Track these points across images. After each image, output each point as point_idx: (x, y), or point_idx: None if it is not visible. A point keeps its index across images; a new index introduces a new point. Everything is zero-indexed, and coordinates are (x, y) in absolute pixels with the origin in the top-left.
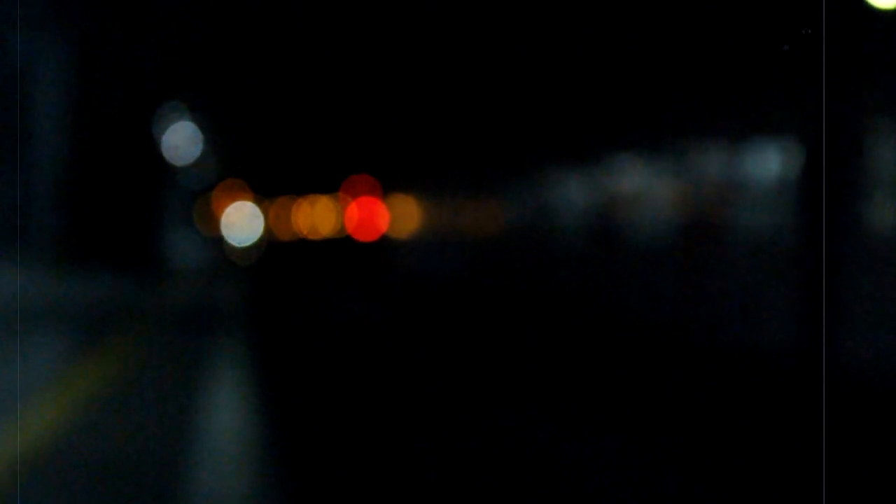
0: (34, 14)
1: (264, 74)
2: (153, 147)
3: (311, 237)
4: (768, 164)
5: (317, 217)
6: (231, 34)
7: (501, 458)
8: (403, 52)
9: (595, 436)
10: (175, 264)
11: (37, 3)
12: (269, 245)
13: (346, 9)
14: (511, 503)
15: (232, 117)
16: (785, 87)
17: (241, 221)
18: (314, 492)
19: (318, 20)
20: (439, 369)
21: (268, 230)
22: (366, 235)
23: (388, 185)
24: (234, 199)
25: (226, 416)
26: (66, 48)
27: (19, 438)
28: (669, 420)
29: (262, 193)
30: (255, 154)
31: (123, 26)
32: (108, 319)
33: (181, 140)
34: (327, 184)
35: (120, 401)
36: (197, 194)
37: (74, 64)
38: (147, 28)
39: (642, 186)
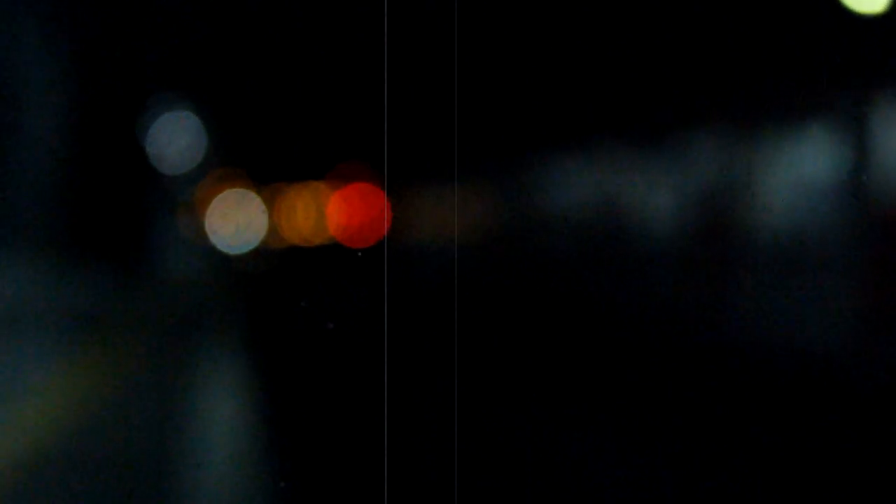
0: (31, 11)
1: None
2: (142, 144)
3: (300, 244)
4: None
5: (302, 217)
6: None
7: (510, 461)
8: (415, 33)
9: (608, 439)
10: (168, 264)
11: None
12: (272, 251)
13: None
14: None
15: (226, 99)
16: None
17: (236, 218)
18: (315, 492)
19: None
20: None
21: (272, 231)
22: (360, 241)
23: (390, 175)
24: (224, 190)
25: (226, 417)
26: (60, 44)
27: (18, 439)
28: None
29: (259, 182)
30: (249, 138)
31: (117, 18)
32: (100, 321)
33: (179, 145)
34: (313, 173)
35: (115, 403)
36: (187, 193)
37: (67, 59)
38: (140, 19)
39: (671, 182)
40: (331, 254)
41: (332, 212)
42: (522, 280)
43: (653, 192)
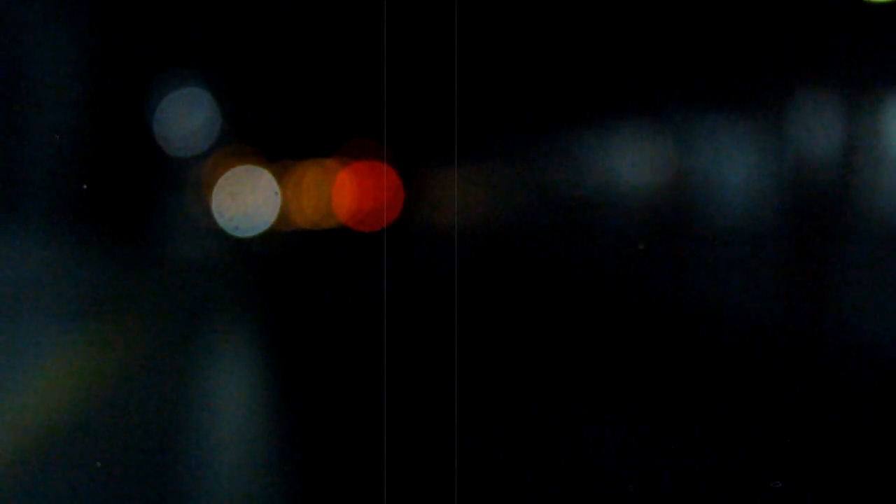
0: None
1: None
2: (150, 125)
3: (309, 227)
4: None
5: (311, 200)
6: None
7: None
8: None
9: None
10: (176, 248)
11: None
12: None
13: None
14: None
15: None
16: None
17: (246, 201)
18: (321, 488)
19: None
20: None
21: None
22: (368, 223)
23: (400, 152)
24: (234, 172)
25: (232, 403)
26: (65, 28)
27: (22, 424)
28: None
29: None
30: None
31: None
32: (107, 305)
33: (188, 128)
34: (318, 150)
35: (121, 388)
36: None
37: (74, 43)
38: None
39: (727, 149)
40: (340, 237)
41: (341, 195)
42: (544, 268)
43: (714, 172)
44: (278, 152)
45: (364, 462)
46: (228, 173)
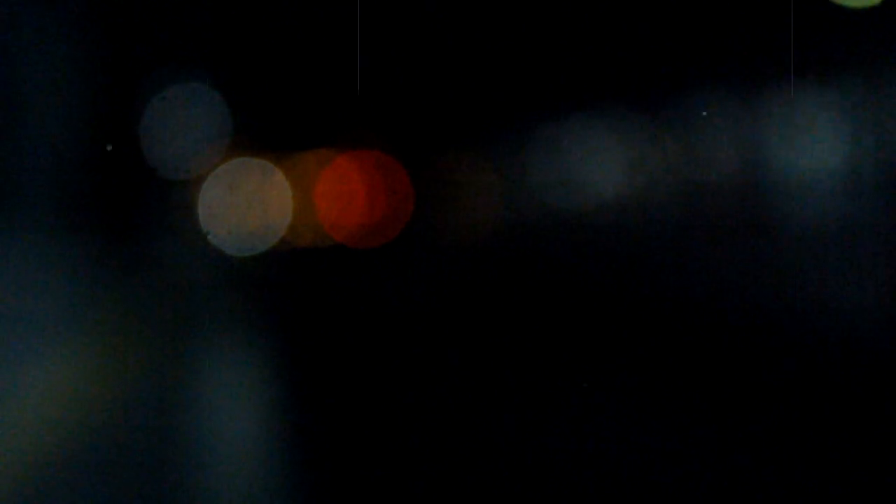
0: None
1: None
2: (148, 141)
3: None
4: None
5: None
6: None
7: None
8: None
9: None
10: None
11: None
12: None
13: None
14: None
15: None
16: None
17: (242, 205)
18: (324, 492)
19: None
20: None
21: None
22: (369, 237)
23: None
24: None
25: (224, 416)
26: (64, 40)
27: (18, 436)
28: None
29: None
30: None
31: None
32: (103, 309)
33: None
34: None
35: (115, 402)
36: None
37: (71, 56)
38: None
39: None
40: (344, 250)
41: (350, 206)
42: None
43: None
44: (285, 156)
45: (369, 468)
46: (217, 172)
